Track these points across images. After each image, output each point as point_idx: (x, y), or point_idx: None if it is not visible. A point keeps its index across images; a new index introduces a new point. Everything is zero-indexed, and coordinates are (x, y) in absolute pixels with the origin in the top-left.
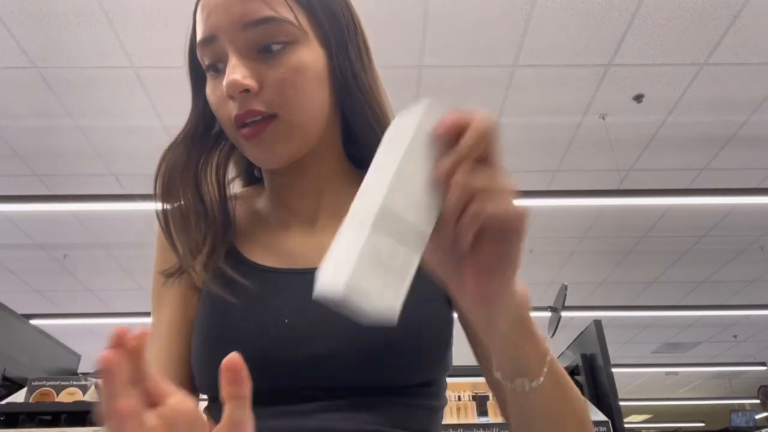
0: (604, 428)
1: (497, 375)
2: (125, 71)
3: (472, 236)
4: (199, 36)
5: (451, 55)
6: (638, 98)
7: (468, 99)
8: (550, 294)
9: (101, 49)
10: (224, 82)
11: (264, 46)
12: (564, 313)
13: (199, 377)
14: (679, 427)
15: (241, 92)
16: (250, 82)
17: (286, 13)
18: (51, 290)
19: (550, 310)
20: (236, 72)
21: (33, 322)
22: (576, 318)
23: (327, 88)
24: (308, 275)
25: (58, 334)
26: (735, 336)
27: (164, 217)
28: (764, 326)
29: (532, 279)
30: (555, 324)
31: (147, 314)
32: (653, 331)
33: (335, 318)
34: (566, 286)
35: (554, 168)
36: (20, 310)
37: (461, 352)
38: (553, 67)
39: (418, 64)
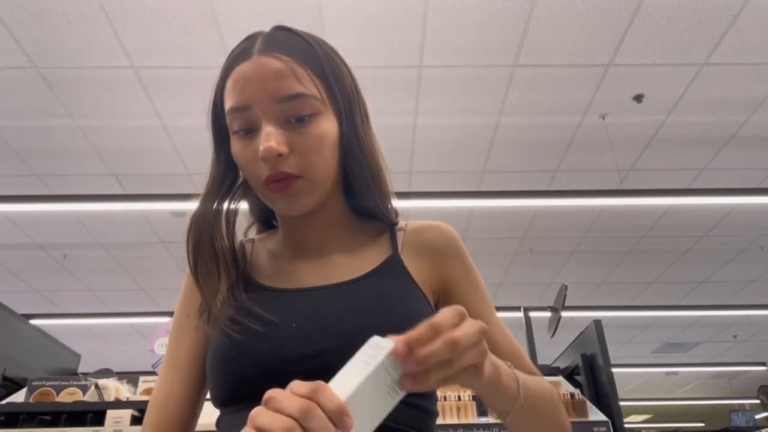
0: (604, 428)
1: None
2: (125, 71)
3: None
4: (233, 104)
5: (451, 55)
6: (638, 98)
7: (468, 99)
8: (550, 294)
9: (101, 49)
10: (261, 147)
11: (293, 117)
12: (564, 313)
13: (216, 379)
14: (679, 427)
15: (277, 156)
16: (283, 149)
17: (312, 90)
18: (51, 290)
19: (550, 310)
20: (271, 139)
21: (33, 322)
22: (576, 318)
23: (338, 150)
24: (314, 292)
25: (58, 334)
26: (735, 336)
27: (195, 267)
28: (764, 326)
29: (532, 279)
30: (555, 324)
31: (147, 314)
32: (653, 331)
33: (340, 321)
34: (566, 286)
35: (554, 168)
36: (20, 310)
37: None
38: (553, 67)
39: (418, 64)
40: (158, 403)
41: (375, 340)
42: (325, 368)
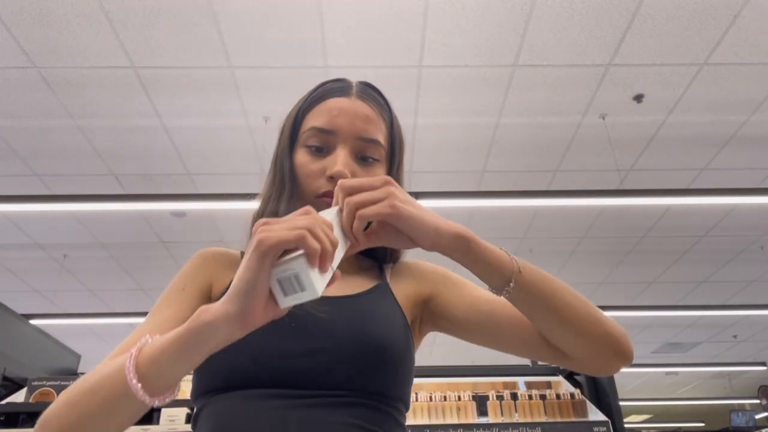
0: (604, 428)
1: (489, 290)
2: (125, 71)
3: (359, 227)
4: (321, 124)
5: (451, 55)
6: (638, 98)
7: (468, 99)
8: None
9: (101, 49)
10: (336, 167)
11: (363, 156)
12: None
13: (208, 364)
14: (679, 427)
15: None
16: (348, 176)
17: (383, 142)
18: (51, 290)
19: None
20: (343, 164)
21: (33, 322)
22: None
23: None
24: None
25: (58, 334)
26: (735, 336)
27: None
28: (764, 326)
29: None
30: None
31: (147, 314)
32: (653, 331)
33: (334, 326)
34: None
35: (554, 168)
36: (20, 310)
37: (461, 352)
38: (553, 67)
39: (418, 64)
40: (128, 344)
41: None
42: (317, 365)
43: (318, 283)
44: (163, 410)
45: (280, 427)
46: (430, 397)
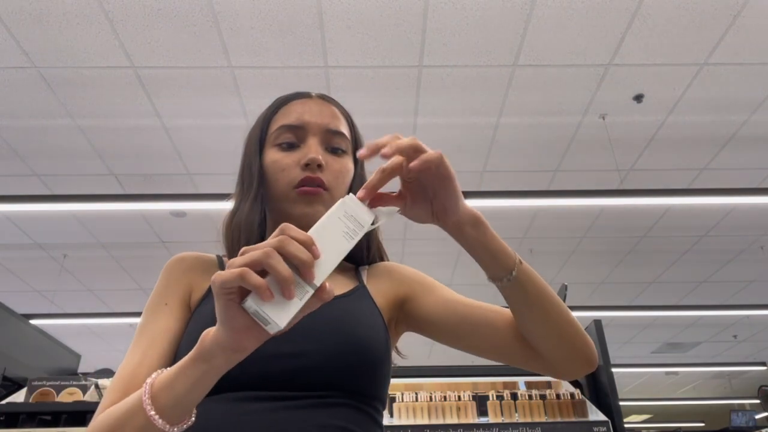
0: (604, 428)
1: (489, 278)
2: (125, 71)
3: (413, 174)
4: (289, 122)
5: (451, 55)
6: (638, 98)
7: (468, 99)
8: None
9: (101, 49)
10: (309, 155)
11: (333, 147)
12: None
13: None
14: (679, 427)
15: (317, 166)
16: (323, 162)
17: (348, 135)
18: (51, 290)
19: None
20: (317, 153)
21: (33, 322)
22: (576, 318)
23: (349, 185)
24: None
25: (58, 334)
26: (735, 336)
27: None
28: (764, 326)
29: None
30: None
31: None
32: (653, 331)
33: (316, 329)
34: (566, 286)
35: (554, 168)
36: (20, 310)
37: (461, 352)
38: (553, 67)
39: (418, 64)
40: (129, 370)
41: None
42: (300, 368)
43: (278, 315)
44: None
45: (264, 429)
46: (430, 397)
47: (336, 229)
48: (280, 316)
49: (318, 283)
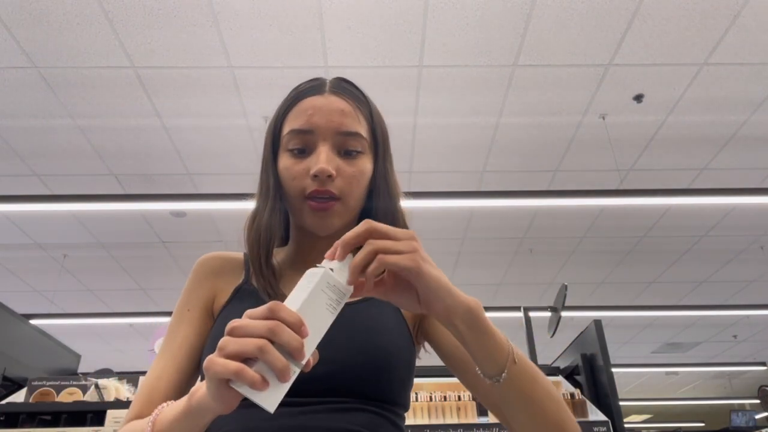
0: (604, 428)
1: (479, 373)
2: (125, 71)
3: (371, 277)
4: (298, 126)
5: (451, 55)
6: (638, 98)
7: (468, 99)
8: (550, 294)
9: (101, 49)
10: (317, 166)
11: (346, 150)
12: (564, 313)
13: None
14: (679, 427)
15: (327, 176)
16: (334, 172)
17: (365, 133)
18: (51, 290)
19: (550, 310)
20: (326, 161)
21: (33, 322)
22: (576, 318)
23: (367, 187)
24: None
25: (58, 334)
26: (735, 336)
27: (263, 262)
28: (764, 326)
29: (532, 279)
30: (555, 324)
31: (147, 314)
32: (653, 331)
33: (334, 335)
34: (566, 286)
35: (554, 168)
36: (20, 310)
37: None
38: (553, 67)
39: (418, 64)
40: (149, 383)
41: (311, 271)
42: (322, 373)
43: (268, 401)
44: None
45: None
46: (430, 397)
47: (320, 303)
48: (271, 401)
49: (305, 361)
